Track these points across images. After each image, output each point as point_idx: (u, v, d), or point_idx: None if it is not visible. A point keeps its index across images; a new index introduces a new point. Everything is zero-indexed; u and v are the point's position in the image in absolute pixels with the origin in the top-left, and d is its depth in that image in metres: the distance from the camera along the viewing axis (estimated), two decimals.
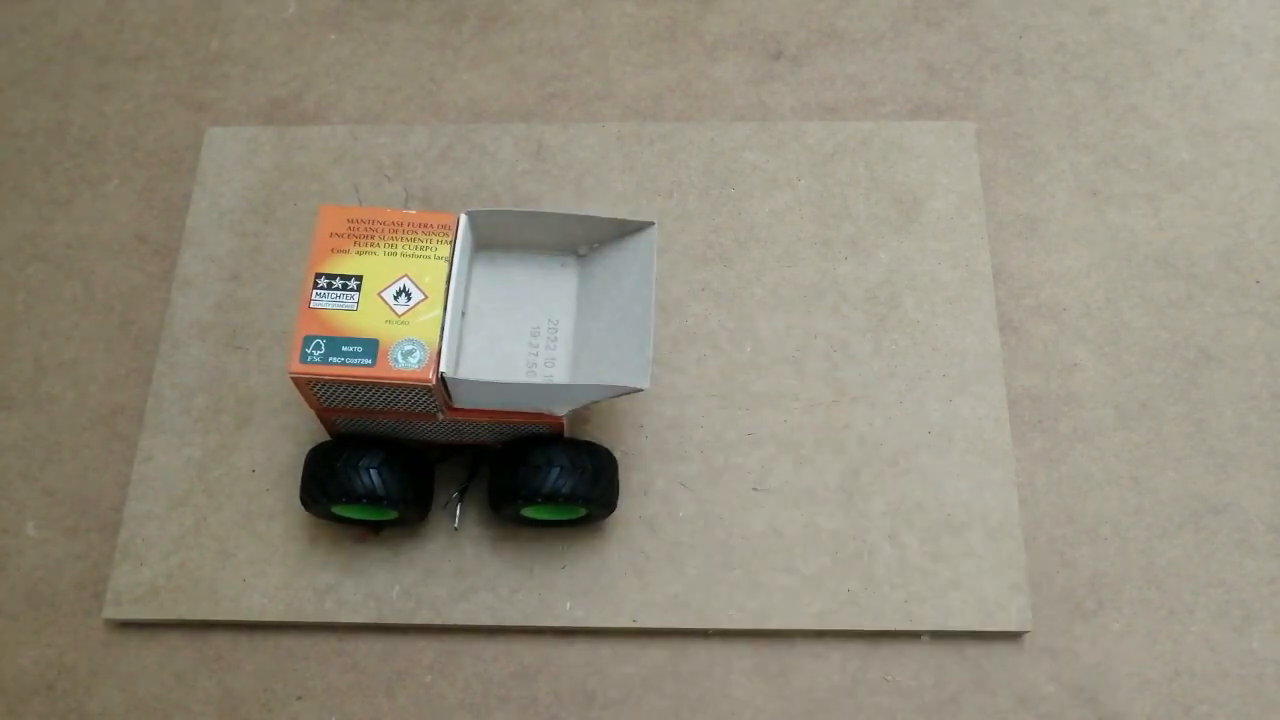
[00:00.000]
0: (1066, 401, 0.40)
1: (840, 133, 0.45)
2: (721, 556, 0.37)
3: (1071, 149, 0.45)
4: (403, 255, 0.33)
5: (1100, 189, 0.44)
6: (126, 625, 0.38)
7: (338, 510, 0.36)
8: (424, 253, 0.33)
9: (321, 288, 0.32)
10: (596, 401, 0.34)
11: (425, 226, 0.33)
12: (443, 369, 0.31)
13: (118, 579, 0.38)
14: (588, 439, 0.36)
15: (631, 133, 0.45)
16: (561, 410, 0.34)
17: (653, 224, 0.34)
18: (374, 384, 0.31)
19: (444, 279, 0.33)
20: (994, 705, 0.36)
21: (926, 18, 0.48)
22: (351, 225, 0.33)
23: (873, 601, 0.37)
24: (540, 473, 0.34)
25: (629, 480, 0.39)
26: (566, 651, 0.37)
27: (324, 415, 0.34)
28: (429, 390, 0.32)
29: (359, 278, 0.32)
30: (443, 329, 0.32)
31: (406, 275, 0.32)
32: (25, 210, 0.45)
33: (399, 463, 0.35)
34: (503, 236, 0.36)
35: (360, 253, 0.33)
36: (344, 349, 0.31)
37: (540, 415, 0.34)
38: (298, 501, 0.38)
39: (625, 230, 0.35)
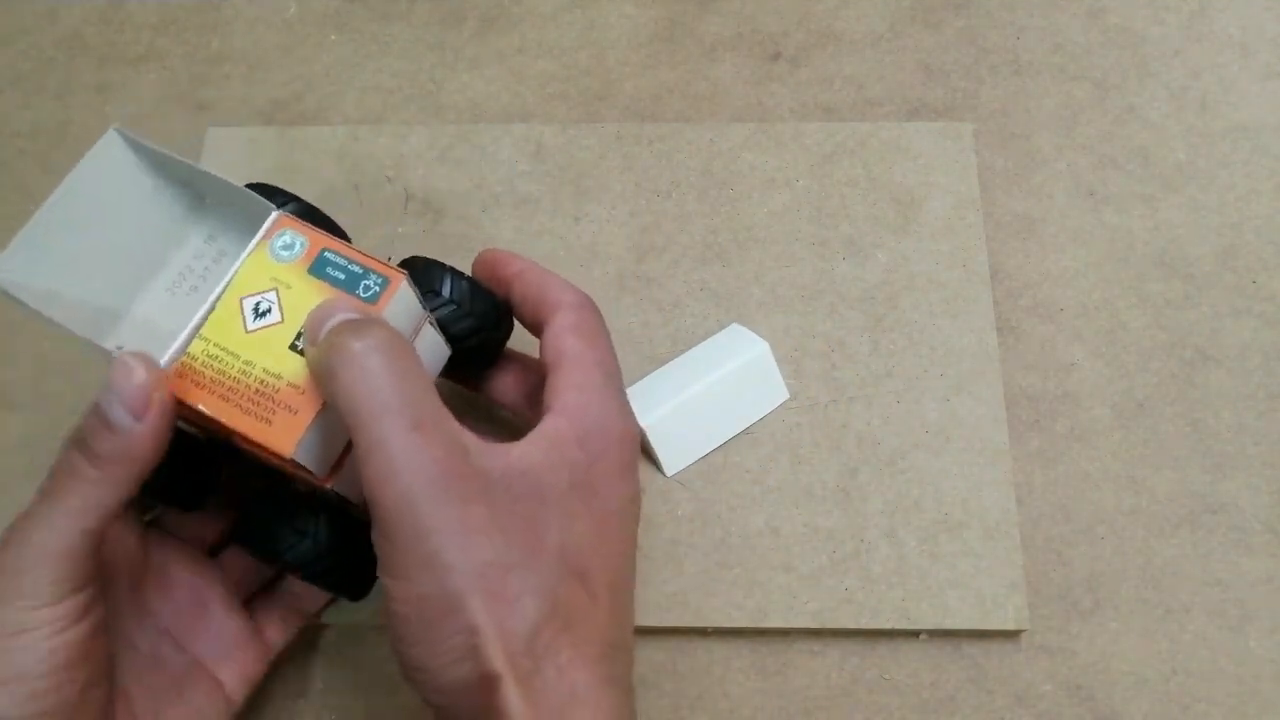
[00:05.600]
0: (1064, 401, 0.41)
1: (838, 133, 0.45)
2: (720, 555, 0.38)
3: (1069, 150, 0.45)
4: None
5: (1097, 189, 0.44)
6: None
7: None
8: None
9: None
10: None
11: None
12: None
13: None
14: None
15: (630, 133, 0.45)
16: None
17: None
18: None
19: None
20: (991, 703, 0.37)
21: (924, 19, 0.48)
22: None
23: (870, 600, 0.37)
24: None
25: None
26: None
27: None
28: None
29: None
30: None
31: None
32: (26, 210, 0.45)
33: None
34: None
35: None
36: None
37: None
38: None
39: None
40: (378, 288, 0.28)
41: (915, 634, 0.37)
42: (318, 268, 0.29)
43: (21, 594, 0.26)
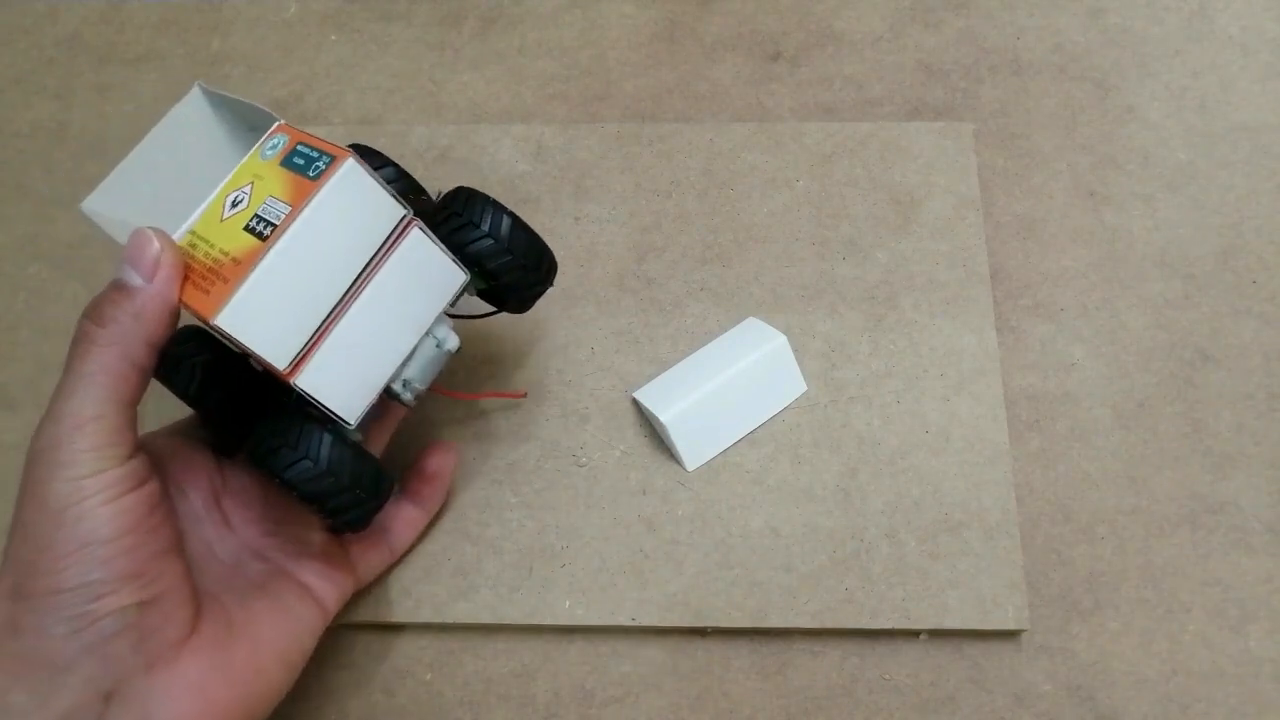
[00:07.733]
0: (1064, 401, 0.41)
1: (838, 133, 0.45)
2: (720, 555, 0.38)
3: (1069, 150, 0.45)
4: None
5: (1097, 189, 0.44)
6: None
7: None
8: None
9: None
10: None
11: None
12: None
13: None
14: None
15: (630, 133, 0.45)
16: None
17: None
18: None
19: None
20: (991, 704, 0.37)
21: (924, 19, 0.48)
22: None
23: (870, 600, 0.37)
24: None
25: (628, 479, 0.39)
26: (565, 650, 0.38)
27: None
28: None
29: None
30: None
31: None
32: (25, 210, 0.46)
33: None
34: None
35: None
36: None
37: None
38: None
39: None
40: (323, 165, 0.30)
41: (915, 634, 0.37)
42: (288, 159, 0.30)
43: (62, 465, 0.27)
